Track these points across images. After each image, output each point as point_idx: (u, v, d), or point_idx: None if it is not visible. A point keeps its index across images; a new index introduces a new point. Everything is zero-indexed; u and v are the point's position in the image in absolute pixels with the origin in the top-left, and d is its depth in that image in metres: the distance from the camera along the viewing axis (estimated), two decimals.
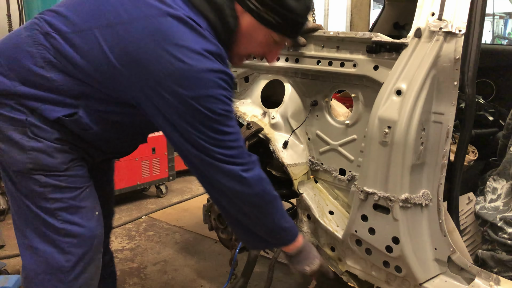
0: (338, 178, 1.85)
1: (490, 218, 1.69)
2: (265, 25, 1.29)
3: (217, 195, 1.36)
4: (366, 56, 1.65)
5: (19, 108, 1.24)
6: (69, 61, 1.23)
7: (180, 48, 1.15)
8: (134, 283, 2.60)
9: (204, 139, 1.21)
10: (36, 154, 1.25)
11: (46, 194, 1.27)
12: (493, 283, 1.48)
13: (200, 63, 1.16)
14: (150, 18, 1.18)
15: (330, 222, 1.82)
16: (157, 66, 1.15)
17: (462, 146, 1.58)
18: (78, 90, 1.25)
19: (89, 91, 1.26)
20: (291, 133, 1.92)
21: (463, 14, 1.45)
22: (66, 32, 1.23)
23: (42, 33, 1.24)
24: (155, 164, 3.90)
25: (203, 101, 1.17)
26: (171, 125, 1.22)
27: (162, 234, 3.29)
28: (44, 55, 1.23)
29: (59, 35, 1.23)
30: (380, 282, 1.71)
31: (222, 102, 1.20)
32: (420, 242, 1.57)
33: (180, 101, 1.17)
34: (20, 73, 1.24)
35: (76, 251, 1.32)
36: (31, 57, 1.23)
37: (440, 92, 1.49)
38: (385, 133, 1.51)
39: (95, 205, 1.40)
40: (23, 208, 1.31)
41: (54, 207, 1.28)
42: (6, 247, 3.01)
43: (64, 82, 1.24)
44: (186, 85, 1.16)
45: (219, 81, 1.19)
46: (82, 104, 1.27)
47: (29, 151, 1.25)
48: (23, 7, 3.44)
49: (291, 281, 2.62)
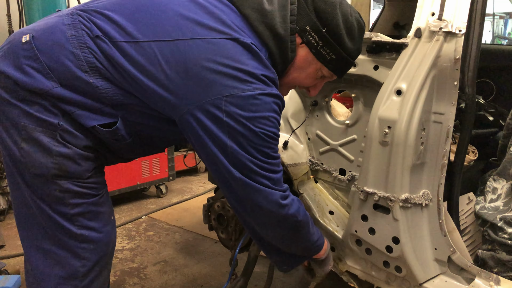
0: (338, 178, 1.85)
1: (490, 218, 1.69)
2: (319, 59, 1.33)
3: (254, 219, 1.37)
4: (366, 56, 1.65)
5: (53, 110, 1.19)
6: (118, 70, 1.19)
7: (242, 72, 1.17)
8: (134, 283, 2.60)
9: (252, 161, 1.22)
10: (62, 160, 1.21)
11: (66, 199, 1.24)
12: (493, 283, 1.48)
13: (260, 86, 1.18)
14: (216, 39, 1.18)
15: (330, 222, 1.82)
16: (217, 88, 1.16)
17: (462, 146, 1.58)
18: (120, 100, 1.22)
19: (131, 102, 1.23)
20: (291, 133, 1.92)
21: (463, 14, 1.45)
22: (119, 40, 1.19)
23: (90, 36, 1.19)
24: (155, 164, 3.90)
25: (257, 122, 1.19)
26: (219, 147, 1.21)
27: (162, 234, 3.29)
28: (90, 59, 1.19)
29: (111, 41, 1.19)
30: (380, 282, 1.71)
31: (274, 125, 1.23)
32: (420, 242, 1.57)
33: (235, 121, 1.17)
34: (61, 74, 1.18)
35: (92, 257, 1.31)
36: (75, 59, 1.18)
37: (440, 92, 1.49)
38: (385, 133, 1.51)
39: (111, 210, 1.39)
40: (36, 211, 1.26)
41: (73, 213, 1.26)
42: (6, 247, 3.01)
43: (107, 90, 1.20)
44: (244, 107, 1.17)
45: (273, 105, 1.22)
46: (120, 115, 1.24)
47: (55, 156, 1.20)
48: (23, 7, 3.44)
49: (291, 281, 2.62)
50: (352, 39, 1.32)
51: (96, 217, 1.31)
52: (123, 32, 1.20)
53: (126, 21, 1.21)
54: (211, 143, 1.20)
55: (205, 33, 1.19)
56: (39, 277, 1.31)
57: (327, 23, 1.28)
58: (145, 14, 1.23)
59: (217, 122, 1.18)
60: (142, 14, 1.23)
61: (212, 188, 3.93)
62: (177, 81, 1.18)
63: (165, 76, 1.18)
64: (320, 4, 1.29)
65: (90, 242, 1.30)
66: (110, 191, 4.01)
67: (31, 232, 1.31)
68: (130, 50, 1.18)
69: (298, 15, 1.30)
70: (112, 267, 2.74)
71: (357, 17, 1.34)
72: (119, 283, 2.60)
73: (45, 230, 1.28)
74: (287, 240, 1.43)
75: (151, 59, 1.18)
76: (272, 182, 1.27)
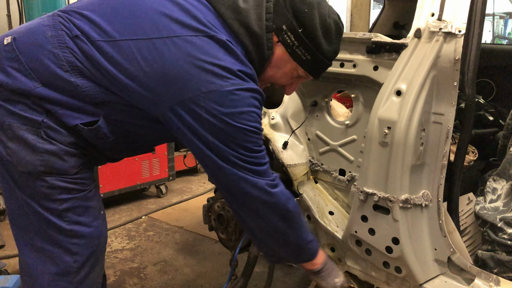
0: (338, 178, 1.85)
1: (490, 219, 1.69)
2: (294, 59, 1.33)
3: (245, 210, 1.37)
4: (366, 56, 1.65)
5: (36, 109, 1.21)
6: (97, 69, 1.21)
7: (219, 67, 1.18)
8: (134, 283, 2.60)
9: (236, 156, 1.23)
10: (48, 156, 1.23)
11: (54, 195, 1.26)
12: (493, 283, 1.48)
13: (237, 82, 1.19)
14: (192, 37, 1.19)
15: (330, 222, 1.82)
16: (195, 84, 1.17)
17: (462, 146, 1.58)
18: (102, 98, 1.24)
19: (113, 100, 1.24)
20: (291, 134, 1.92)
21: (463, 15, 1.45)
22: (97, 39, 1.21)
23: (69, 36, 1.21)
24: (155, 164, 3.90)
25: (237, 117, 1.20)
26: (203, 143, 1.23)
27: (162, 234, 3.29)
28: (70, 59, 1.21)
29: (89, 41, 1.21)
30: (380, 282, 1.71)
31: (254, 119, 1.23)
32: (420, 242, 1.57)
33: (214, 118, 1.18)
34: (42, 74, 1.21)
35: (83, 252, 1.32)
36: (56, 59, 1.20)
37: (440, 93, 1.48)
38: (385, 134, 1.51)
39: (100, 205, 1.40)
40: (26, 209, 1.29)
41: (61, 208, 1.27)
42: (6, 247, 3.01)
43: (88, 88, 1.22)
44: (222, 102, 1.18)
45: (252, 100, 1.22)
46: (103, 113, 1.26)
47: (41, 153, 1.22)
48: (23, 7, 3.44)
49: (291, 281, 2.62)
50: (329, 41, 1.32)
51: (86, 212, 1.32)
52: (101, 32, 1.22)
53: (104, 21, 1.23)
54: (195, 139, 1.22)
55: (181, 31, 1.20)
56: (33, 274, 1.33)
57: (303, 24, 1.28)
58: (122, 13, 1.25)
59: (198, 119, 1.19)
60: (119, 13, 1.25)
61: (212, 188, 3.93)
62: (155, 79, 1.19)
63: (143, 74, 1.19)
64: (298, 4, 1.29)
65: (81, 237, 1.31)
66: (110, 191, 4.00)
67: (24, 230, 1.33)
68: (109, 49, 1.20)
69: (275, 13, 1.30)
70: (112, 267, 2.75)
71: (335, 19, 1.33)
72: (119, 283, 2.61)
73: (36, 228, 1.30)
74: (279, 233, 1.41)
75: (129, 57, 1.20)
76: (257, 173, 1.28)
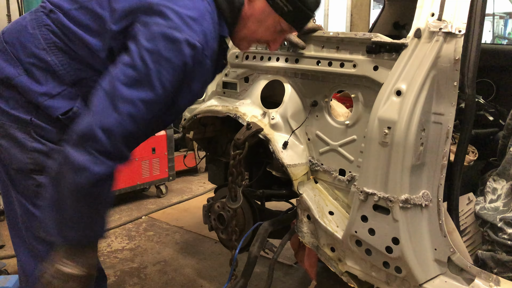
0: (338, 178, 1.85)
1: (490, 219, 1.69)
2: (276, 11, 1.33)
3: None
4: (365, 56, 1.65)
5: (24, 105, 1.24)
6: (69, 36, 1.24)
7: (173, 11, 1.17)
8: (134, 283, 2.60)
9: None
10: (37, 155, 1.25)
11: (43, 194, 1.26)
12: (493, 283, 1.48)
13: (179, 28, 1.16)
14: None
15: (330, 222, 1.82)
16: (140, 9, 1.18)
17: (462, 146, 1.58)
18: (77, 75, 1.26)
19: (87, 75, 1.26)
20: (291, 134, 1.92)
21: (463, 15, 1.45)
22: (69, 9, 1.25)
23: (45, 13, 1.26)
24: (155, 164, 3.90)
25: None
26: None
27: (162, 234, 3.29)
28: (46, 36, 1.24)
29: (62, 12, 1.25)
30: (380, 282, 1.71)
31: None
32: (420, 242, 1.57)
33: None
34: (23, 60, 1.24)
35: None
36: (33, 39, 1.24)
37: (440, 93, 1.48)
38: (385, 134, 1.51)
39: None
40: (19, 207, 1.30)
41: None
42: (6, 247, 3.02)
43: (65, 66, 1.24)
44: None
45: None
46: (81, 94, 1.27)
47: (30, 152, 1.25)
48: (23, 7, 3.44)
49: (291, 281, 2.62)
50: None
51: None
52: (72, 1, 1.26)
53: None
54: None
55: None
56: (27, 273, 1.33)
57: None
58: None
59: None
60: None
61: (212, 188, 3.92)
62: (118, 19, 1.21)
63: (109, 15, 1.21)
64: None
65: None
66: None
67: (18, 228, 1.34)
68: (80, 15, 1.24)
69: None
70: (112, 267, 2.75)
71: None
72: (119, 283, 2.60)
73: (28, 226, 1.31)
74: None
75: (94, 16, 1.23)
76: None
